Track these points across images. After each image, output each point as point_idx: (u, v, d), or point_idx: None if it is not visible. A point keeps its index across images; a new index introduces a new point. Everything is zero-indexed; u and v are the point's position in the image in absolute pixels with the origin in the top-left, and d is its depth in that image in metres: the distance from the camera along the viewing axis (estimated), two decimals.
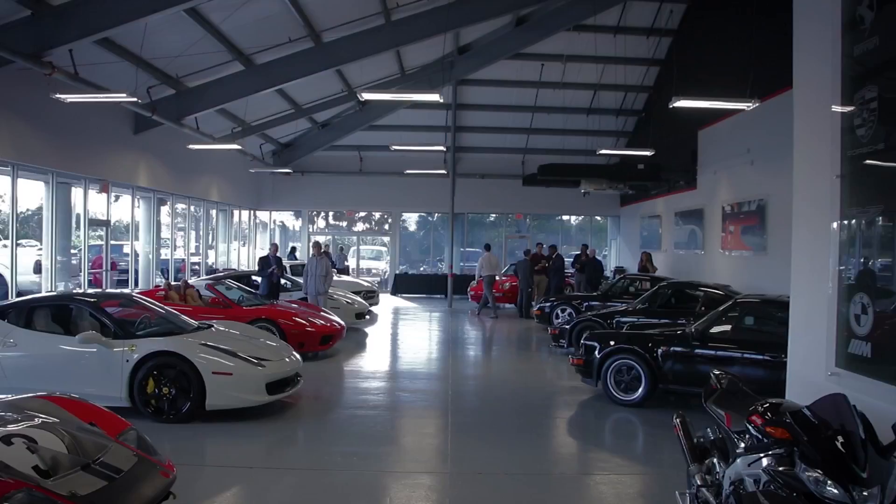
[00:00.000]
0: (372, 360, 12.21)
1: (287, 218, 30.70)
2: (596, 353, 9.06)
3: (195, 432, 7.30)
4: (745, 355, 8.12)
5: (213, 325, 8.87)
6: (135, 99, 11.58)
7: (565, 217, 30.66)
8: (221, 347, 7.72)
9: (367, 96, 11.43)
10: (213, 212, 23.85)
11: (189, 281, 13.12)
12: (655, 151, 18.90)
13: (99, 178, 15.55)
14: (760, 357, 8.03)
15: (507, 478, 6.21)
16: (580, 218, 31.08)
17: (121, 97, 11.34)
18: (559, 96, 23.49)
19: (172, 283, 12.91)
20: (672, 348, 8.48)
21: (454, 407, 8.83)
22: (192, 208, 21.41)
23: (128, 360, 7.50)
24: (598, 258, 22.00)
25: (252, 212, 27.55)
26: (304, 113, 21.91)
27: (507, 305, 21.75)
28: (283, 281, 16.42)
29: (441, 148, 19.80)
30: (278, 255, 15.00)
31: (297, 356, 8.77)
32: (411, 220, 31.28)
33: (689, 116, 19.50)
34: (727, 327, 8.41)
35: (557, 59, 21.76)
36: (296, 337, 11.38)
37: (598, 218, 30.26)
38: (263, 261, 14.62)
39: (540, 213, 29.45)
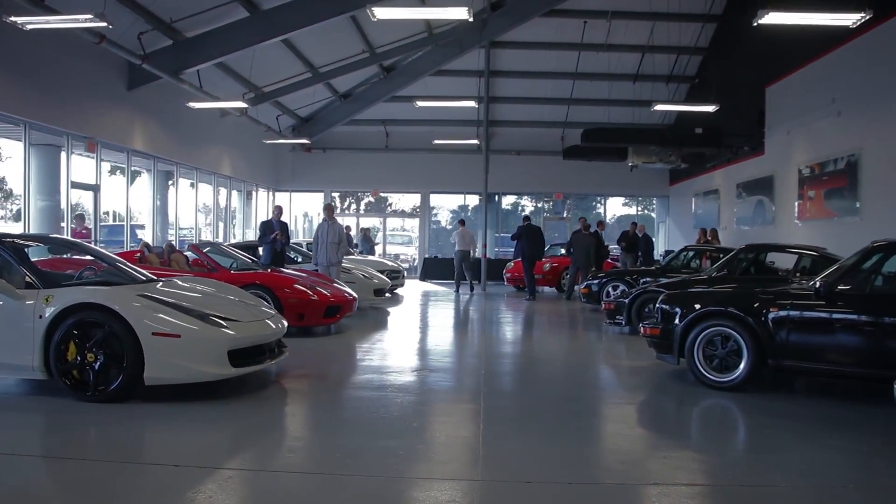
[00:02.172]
0: (390, 338, 10.09)
1: (310, 204, 28.61)
2: (677, 319, 6.84)
3: (130, 415, 5.25)
4: None
5: (173, 280, 6.85)
6: (104, 24, 9.63)
7: (609, 201, 28.14)
8: (166, 300, 5.65)
9: (378, 11, 9.27)
10: (226, 190, 21.93)
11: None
12: (716, 112, 16.53)
13: (84, 135, 13.66)
14: None
15: (559, 489, 4.04)
16: (623, 200, 28.69)
17: (86, 19, 9.39)
18: (603, 60, 21.22)
19: (153, 245, 10.94)
20: (791, 311, 6.19)
21: (487, 389, 6.68)
22: (199, 184, 19.50)
23: (41, 316, 5.48)
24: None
25: (271, 193, 25.65)
26: (321, 77, 19.91)
27: (546, 289, 19.57)
28: (291, 254, 14.42)
29: (472, 104, 17.65)
30: (283, 219, 12.93)
31: (283, 321, 6.68)
32: (442, 209, 29.21)
33: (753, 73, 17.20)
34: (868, 281, 6.14)
35: (602, 16, 19.56)
36: (294, 307, 9.35)
37: (644, 213, 27.83)
38: (265, 225, 12.54)
39: (582, 193, 27.07)
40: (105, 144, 14.54)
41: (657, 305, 7.23)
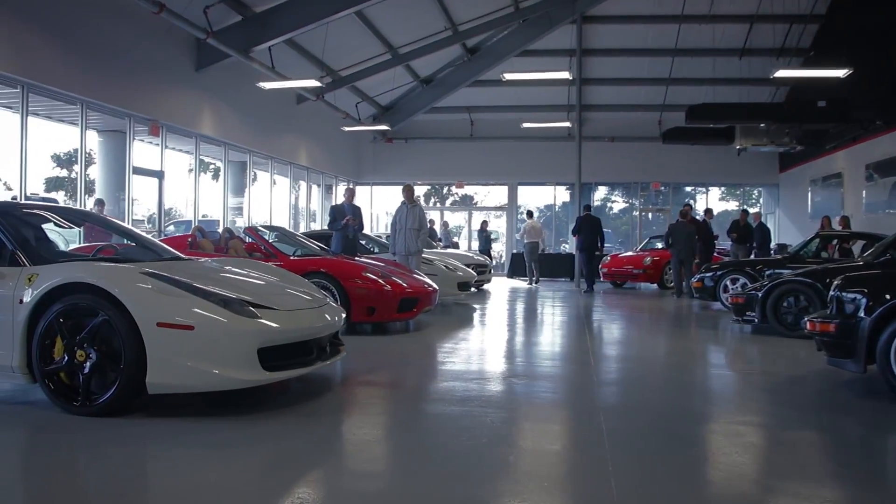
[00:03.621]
0: (476, 337, 8.54)
1: (393, 198, 27.28)
2: (861, 312, 5.04)
3: (128, 435, 3.89)
4: None
5: (206, 260, 5.52)
6: None
7: (710, 192, 25.78)
8: (180, 280, 4.26)
9: None
10: (304, 183, 20.91)
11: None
12: (840, 84, 14.24)
13: (148, 117, 12.71)
14: None
15: None
16: (719, 194, 26.27)
17: None
18: (706, 34, 19.03)
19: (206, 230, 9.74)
20: None
21: (605, 403, 5.03)
22: (275, 175, 18.47)
23: (21, 301, 4.20)
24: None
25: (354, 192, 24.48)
26: (401, 59, 18.60)
27: (647, 285, 17.67)
28: (366, 243, 13.10)
29: (565, 76, 15.90)
30: (356, 203, 11.55)
31: (340, 313, 5.22)
32: (528, 207, 27.40)
33: (886, 36, 14.84)
34: None
35: None
36: (364, 299, 7.91)
37: (741, 207, 25.42)
38: (336, 210, 11.16)
39: (682, 182, 24.86)
40: (171, 129, 13.58)
41: (832, 293, 5.41)
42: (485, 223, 21.70)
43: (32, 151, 10.32)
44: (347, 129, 20.40)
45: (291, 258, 8.63)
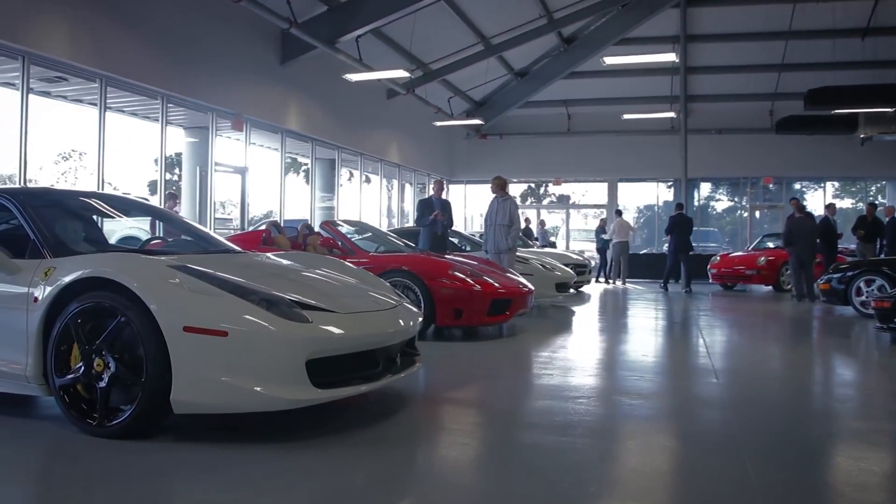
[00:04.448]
0: (576, 345, 7.53)
1: (484, 197, 26.47)
2: None
3: (152, 465, 3.16)
4: None
5: (258, 254, 4.78)
6: None
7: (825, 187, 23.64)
8: (212, 274, 3.49)
9: None
10: (396, 181, 20.31)
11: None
12: None
13: (230, 111, 12.31)
14: None
15: None
16: (833, 190, 24.05)
17: None
18: (825, 13, 17.13)
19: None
20: None
21: (746, 436, 3.92)
22: (364, 173, 17.91)
23: (36, 299, 3.54)
24: None
25: (445, 184, 23.82)
26: (494, 50, 17.74)
27: (759, 287, 16.15)
28: (457, 241, 12.27)
29: (671, 58, 14.68)
30: (445, 197, 10.71)
31: (416, 316, 4.35)
32: (629, 203, 25.97)
33: None
34: None
35: None
36: (450, 301, 7.06)
37: (859, 206, 23.21)
38: (424, 204, 10.34)
39: (794, 176, 22.92)
40: (255, 124, 13.18)
41: None
42: (604, 221, 20.44)
43: (136, 154, 10.06)
44: (439, 123, 19.66)
45: (372, 255, 7.88)
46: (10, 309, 3.62)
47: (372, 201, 19.21)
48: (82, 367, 3.41)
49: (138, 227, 6.50)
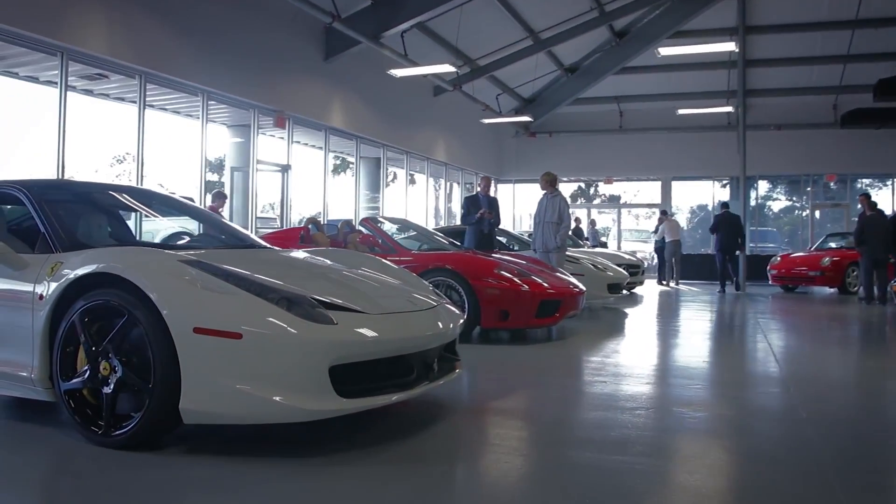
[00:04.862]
0: (630, 349, 7.05)
1: (534, 197, 25.94)
2: None
3: (159, 479, 2.83)
4: None
5: (283, 250, 4.46)
6: None
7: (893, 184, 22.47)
8: (227, 269, 3.16)
9: None
10: (444, 181, 19.95)
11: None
12: None
13: (273, 108, 12.12)
14: None
15: None
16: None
17: None
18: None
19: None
20: None
21: (829, 453, 3.44)
22: (411, 173, 17.60)
23: (41, 297, 3.26)
24: None
25: (494, 184, 23.39)
26: (542, 45, 17.25)
27: (822, 289, 15.35)
28: (504, 240, 11.85)
29: (730, 47, 13.98)
30: (493, 194, 10.30)
31: (457, 318, 3.97)
32: (682, 203, 25.17)
33: None
34: None
35: None
36: (495, 301, 6.66)
37: None
38: (470, 201, 9.94)
39: (858, 173, 21.86)
40: (298, 121, 12.97)
41: None
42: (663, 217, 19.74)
43: (184, 154, 9.92)
44: (487, 121, 19.24)
45: (414, 253, 7.53)
46: (14, 307, 3.35)
47: (418, 201, 18.91)
48: (88, 371, 3.12)
49: (183, 227, 6.27)
